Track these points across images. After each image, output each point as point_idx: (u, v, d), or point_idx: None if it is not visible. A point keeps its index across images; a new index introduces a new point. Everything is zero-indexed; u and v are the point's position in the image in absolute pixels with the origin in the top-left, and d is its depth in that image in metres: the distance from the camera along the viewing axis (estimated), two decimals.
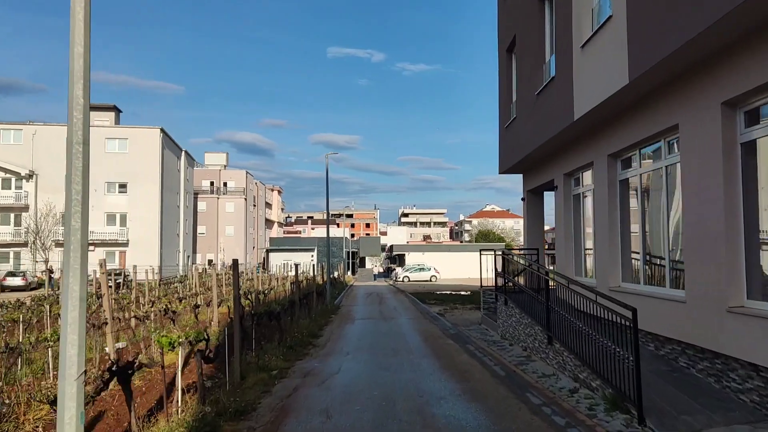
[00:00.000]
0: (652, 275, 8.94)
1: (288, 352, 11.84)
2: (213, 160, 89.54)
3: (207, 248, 79.27)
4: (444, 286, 47.56)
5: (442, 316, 20.25)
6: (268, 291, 28.29)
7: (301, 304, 17.22)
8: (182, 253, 64.22)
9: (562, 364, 8.80)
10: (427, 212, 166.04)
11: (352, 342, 13.74)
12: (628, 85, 7.96)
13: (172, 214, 59.83)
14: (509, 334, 12.53)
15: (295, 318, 15.98)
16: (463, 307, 25.00)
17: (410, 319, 19.43)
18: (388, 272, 79.89)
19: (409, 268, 61.71)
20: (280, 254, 78.21)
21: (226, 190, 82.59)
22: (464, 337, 13.93)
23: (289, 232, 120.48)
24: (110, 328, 9.29)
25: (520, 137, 14.15)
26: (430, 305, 25.95)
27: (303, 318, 17.75)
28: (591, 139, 10.63)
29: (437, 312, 21.76)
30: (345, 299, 31.79)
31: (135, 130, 54.42)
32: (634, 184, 9.63)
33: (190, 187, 68.85)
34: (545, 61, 12.19)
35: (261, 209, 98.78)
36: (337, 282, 46.17)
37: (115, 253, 53.32)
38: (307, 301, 19.46)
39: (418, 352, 11.90)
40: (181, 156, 63.60)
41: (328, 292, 26.53)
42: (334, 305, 25.28)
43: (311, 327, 16.00)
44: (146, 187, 53.36)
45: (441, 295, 33.38)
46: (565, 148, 12.08)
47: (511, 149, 15.13)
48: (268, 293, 27.82)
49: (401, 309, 24.33)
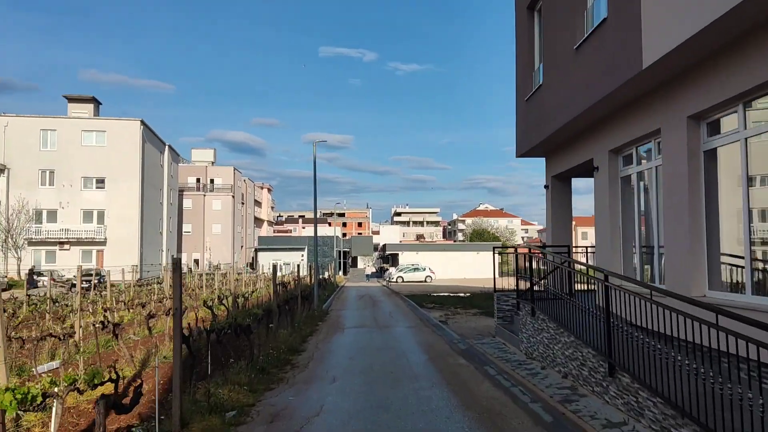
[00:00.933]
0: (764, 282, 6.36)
1: (257, 378, 9.19)
2: (200, 156, 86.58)
3: (193, 247, 76.34)
4: (440, 287, 44.99)
5: (444, 324, 17.64)
6: (250, 294, 25.56)
7: (281, 311, 14.56)
8: (166, 252, 61.25)
9: (637, 408, 6.18)
10: (420, 211, 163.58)
11: (340, 361, 11.09)
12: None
13: (155, 211, 56.88)
14: (539, 353, 9.93)
15: (274, 328, 13.31)
16: (465, 312, 22.41)
17: (409, 328, 16.80)
18: (380, 272, 77.33)
19: (403, 268, 59.11)
20: (270, 254, 75.41)
21: (213, 187, 79.67)
22: (479, 354, 11.29)
23: (280, 231, 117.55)
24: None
25: (548, 109, 11.57)
26: (429, 310, 23.33)
27: (284, 327, 15.10)
28: (662, 96, 8.04)
29: (439, 319, 19.14)
30: (335, 302, 29.11)
31: (113, 122, 51.44)
32: (728, 155, 7.06)
33: (174, 184, 65.88)
34: (587, 5, 9.59)
35: (250, 207, 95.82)
36: (327, 283, 43.46)
37: (92, 253, 50.34)
38: (290, 307, 16.80)
39: (425, 378, 9.26)
40: (164, 151, 60.63)
41: (315, 295, 23.84)
42: (322, 310, 22.61)
43: (292, 339, 13.34)
44: (126, 183, 50.39)
45: (439, 298, 30.78)
46: (614, 115, 9.49)
47: (534, 126, 12.54)
48: (250, 296, 25.09)
49: (398, 315, 21.70)
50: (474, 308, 23.88)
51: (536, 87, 12.37)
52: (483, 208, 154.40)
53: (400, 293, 35.97)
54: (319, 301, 26.31)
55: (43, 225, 49.68)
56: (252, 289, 28.31)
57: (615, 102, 8.87)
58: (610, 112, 9.46)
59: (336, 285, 47.41)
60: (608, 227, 9.88)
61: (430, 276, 57.30)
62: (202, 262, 74.74)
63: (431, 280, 56.81)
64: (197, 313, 16.06)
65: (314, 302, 23.51)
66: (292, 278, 40.71)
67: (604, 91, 8.53)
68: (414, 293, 35.38)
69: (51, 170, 50.04)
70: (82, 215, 50.37)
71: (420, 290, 39.74)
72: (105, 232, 50.16)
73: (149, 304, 18.74)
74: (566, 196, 13.12)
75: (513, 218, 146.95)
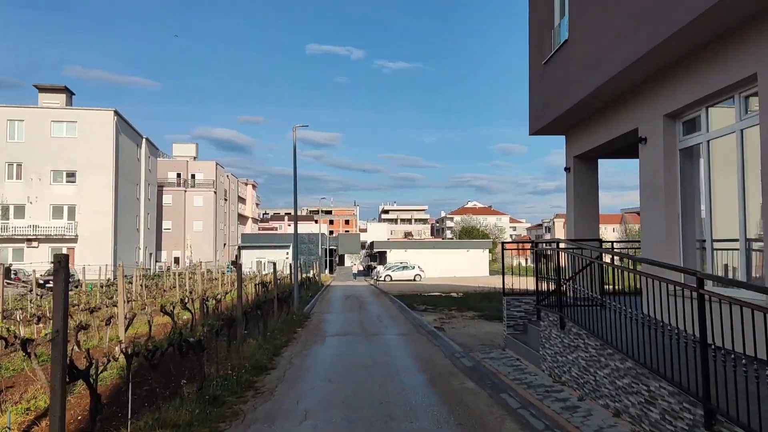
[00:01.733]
0: None
1: (204, 413, 6.90)
2: (182, 151, 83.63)
3: (173, 245, 73.50)
4: (430, 286, 42.82)
5: (441, 331, 15.43)
6: (223, 295, 23.16)
7: (248, 319, 12.22)
8: (143, 250, 58.50)
9: None
10: (408, 209, 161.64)
11: (316, 384, 8.81)
12: None
13: (130, 207, 54.11)
14: (570, 377, 7.72)
15: (238, 340, 10.98)
16: (461, 315, 20.23)
17: (401, 336, 14.56)
18: (368, 270, 75.13)
19: (391, 267, 56.90)
20: (253, 252, 72.84)
21: (194, 183, 76.83)
22: (490, 375, 9.05)
23: (265, 228, 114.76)
24: None
25: (574, 70, 9.38)
26: (422, 313, 21.11)
27: (255, 336, 12.79)
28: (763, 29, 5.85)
29: (433, 324, 16.92)
30: (318, 304, 26.79)
31: (85, 113, 48.60)
32: None
33: (152, 179, 63.04)
34: None
35: (233, 204, 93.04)
36: (311, 282, 41.11)
37: (62, 250, 47.46)
38: (263, 312, 14.48)
39: (426, 412, 7.00)
40: (141, 144, 57.82)
41: (295, 297, 21.51)
42: (303, 313, 20.28)
43: (261, 353, 11.04)
44: (98, 176, 47.58)
45: (430, 298, 28.58)
46: (676, 66, 7.27)
47: (555, 94, 10.34)
48: (223, 298, 22.69)
49: (387, 318, 19.44)
50: (470, 310, 21.71)
51: (558, 46, 10.15)
52: (471, 206, 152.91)
53: (388, 293, 33.73)
54: (300, 303, 23.99)
55: (10, 221, 46.80)
56: (227, 290, 25.90)
57: (684, 45, 6.66)
58: (671, 62, 7.24)
59: (321, 284, 45.07)
60: (662, 216, 7.68)
61: (420, 274, 55.14)
62: (182, 260, 71.93)
63: (420, 278, 54.65)
64: (152, 321, 13.68)
65: (294, 304, 21.19)
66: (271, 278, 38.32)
67: (669, 30, 6.31)
68: (403, 293, 33.16)
69: (18, 163, 47.17)
70: (52, 210, 47.54)
71: (409, 290, 37.53)
72: (76, 229, 47.36)
73: (102, 309, 16.30)
74: (592, 180, 10.89)
75: (501, 216, 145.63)
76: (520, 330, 11.07)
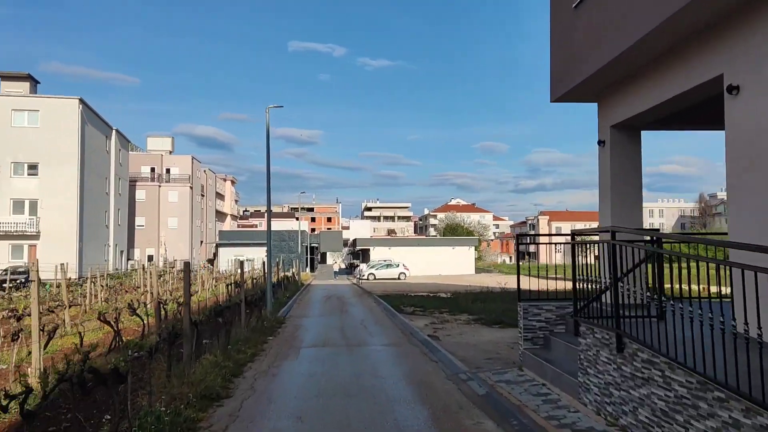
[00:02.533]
0: None
1: None
2: (157, 145, 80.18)
3: (147, 242, 70.37)
4: (416, 285, 40.65)
5: (435, 339, 13.20)
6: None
7: (200, 332, 9.83)
8: (113, 247, 55.46)
9: None
10: (391, 206, 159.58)
11: (281, 426, 6.50)
12: None
13: (99, 202, 51.06)
14: (637, 420, 5.50)
15: (184, 361, 8.60)
16: (454, 319, 18.03)
17: (389, 347, 12.28)
18: (350, 269, 72.82)
19: (374, 265, 54.65)
20: (232, 249, 70.19)
21: (169, 178, 73.67)
22: (514, 411, 6.78)
23: (245, 226, 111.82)
24: None
25: (624, 7, 7.16)
26: (411, 316, 18.88)
27: (213, 350, 10.43)
28: None
29: (427, 332, 14.67)
30: (296, 306, 24.42)
31: (48, 101, 45.48)
32: None
33: (123, 173, 59.92)
34: None
35: (211, 200, 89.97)
36: (290, 282, 38.67)
37: (23, 247, 44.40)
38: (226, 319, 12.11)
39: None
40: (111, 135, 54.72)
41: (268, 299, 19.12)
42: (277, 318, 17.91)
43: (216, 374, 8.67)
44: (62, 169, 44.49)
45: (418, 299, 26.35)
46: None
47: (589, 45, 8.13)
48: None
49: (372, 323, 17.16)
50: (463, 313, 19.53)
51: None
52: (455, 203, 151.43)
53: (372, 293, 31.46)
54: (276, 306, 21.62)
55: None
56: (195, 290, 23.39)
57: None
58: None
59: (301, 284, 42.63)
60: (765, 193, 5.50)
61: (404, 273, 52.97)
62: (156, 258, 68.87)
63: (405, 277, 52.49)
64: (83, 333, 11.23)
65: (267, 307, 18.82)
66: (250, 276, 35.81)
67: None
68: (388, 293, 30.91)
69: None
70: (12, 205, 44.38)
71: (395, 289, 35.29)
72: (38, 225, 44.27)
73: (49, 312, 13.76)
74: (634, 155, 8.64)
75: (485, 213, 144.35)
76: (540, 344, 8.87)
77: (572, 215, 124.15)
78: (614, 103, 8.46)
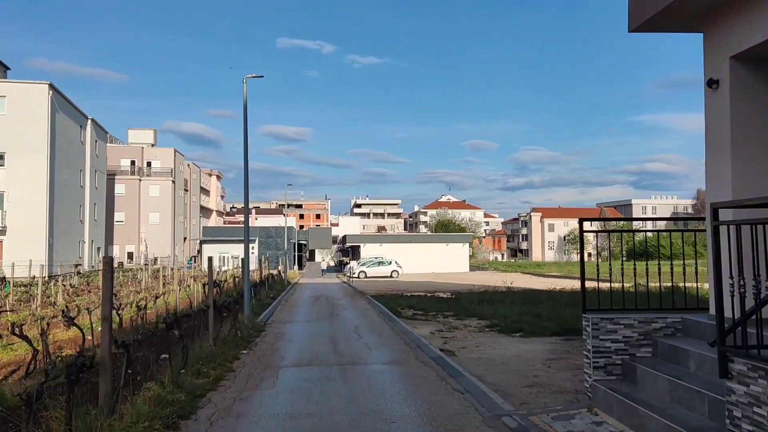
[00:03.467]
0: None
1: None
2: (138, 137, 76.81)
3: (127, 238, 67.21)
4: (410, 283, 38.04)
5: (450, 355, 10.60)
6: (154, 300, 17.93)
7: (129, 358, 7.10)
8: (89, 244, 52.34)
9: None
10: (380, 203, 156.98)
11: None
12: None
13: (72, 195, 47.92)
14: None
15: (101, 403, 5.90)
16: (463, 324, 15.46)
17: (394, 367, 9.62)
18: (340, 266, 70.14)
19: (366, 262, 52.04)
20: (216, 246, 66.96)
21: (151, 171, 70.46)
22: None
23: (231, 222, 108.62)
24: None
25: None
26: (411, 321, 16.28)
27: (163, 374, 7.72)
28: None
29: (435, 343, 12.05)
30: (280, 308, 21.70)
31: (15, 86, 42.31)
32: None
33: (101, 165, 56.75)
34: None
35: (195, 195, 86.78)
36: (275, 281, 35.90)
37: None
38: (184, 332, 9.40)
39: None
40: (86, 125, 51.56)
41: (246, 303, 16.38)
42: (256, 324, 15.19)
43: (153, 417, 6.00)
44: (30, 159, 41.36)
45: (416, 300, 23.74)
46: None
47: None
48: (153, 304, 17.46)
49: (368, 331, 14.51)
50: (471, 317, 16.98)
51: None
52: (445, 200, 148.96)
53: (365, 293, 28.81)
54: (257, 308, 18.93)
55: None
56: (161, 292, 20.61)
57: None
58: None
59: (287, 282, 39.86)
60: None
61: (397, 270, 50.43)
62: (136, 255, 65.78)
63: (398, 275, 49.94)
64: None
65: (245, 312, 16.09)
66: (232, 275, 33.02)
67: None
68: (382, 293, 28.28)
69: None
70: None
71: (388, 288, 32.66)
72: (4, 219, 41.13)
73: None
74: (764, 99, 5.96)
75: (476, 210, 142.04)
76: (617, 374, 6.27)
77: (564, 212, 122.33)
78: (736, 22, 5.84)
